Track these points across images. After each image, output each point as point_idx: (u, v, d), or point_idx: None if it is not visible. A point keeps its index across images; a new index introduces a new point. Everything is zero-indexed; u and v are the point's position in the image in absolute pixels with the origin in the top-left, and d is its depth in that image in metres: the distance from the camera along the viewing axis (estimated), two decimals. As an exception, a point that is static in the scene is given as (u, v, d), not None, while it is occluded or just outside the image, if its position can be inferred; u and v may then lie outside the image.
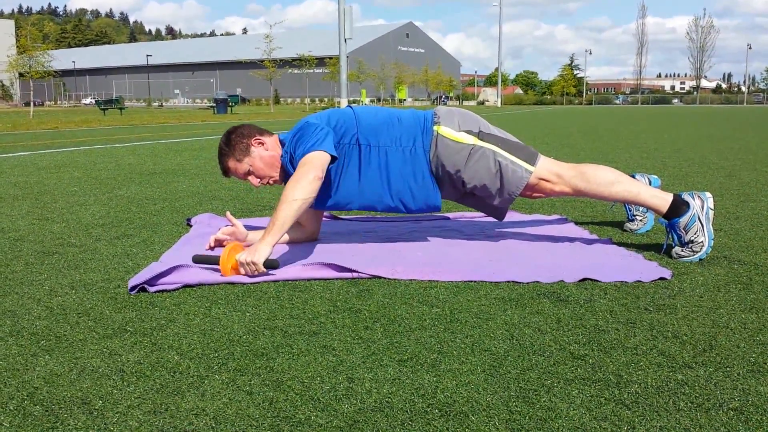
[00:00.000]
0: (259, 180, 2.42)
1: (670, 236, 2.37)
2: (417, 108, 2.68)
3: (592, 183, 2.35)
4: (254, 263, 2.02)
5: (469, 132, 2.39)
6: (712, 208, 2.31)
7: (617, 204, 2.87)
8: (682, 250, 2.31)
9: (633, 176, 2.65)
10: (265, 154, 2.39)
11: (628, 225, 2.80)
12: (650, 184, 2.70)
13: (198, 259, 2.17)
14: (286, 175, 2.39)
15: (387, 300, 1.87)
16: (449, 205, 3.53)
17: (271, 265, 2.06)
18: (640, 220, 2.77)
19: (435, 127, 2.39)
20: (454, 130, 2.38)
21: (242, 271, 2.06)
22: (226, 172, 2.45)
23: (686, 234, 2.29)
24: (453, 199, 2.53)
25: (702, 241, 2.28)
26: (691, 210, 2.28)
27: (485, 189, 2.39)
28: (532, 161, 2.38)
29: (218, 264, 2.10)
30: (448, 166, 2.36)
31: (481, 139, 2.38)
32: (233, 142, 2.39)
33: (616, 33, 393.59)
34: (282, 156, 2.40)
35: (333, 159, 2.24)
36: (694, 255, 2.29)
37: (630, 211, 2.80)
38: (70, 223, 3.06)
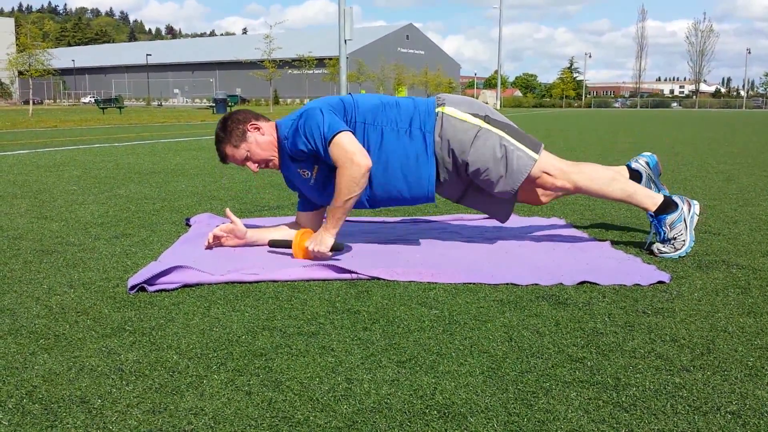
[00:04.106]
0: (257, 165, 2.41)
1: (654, 232, 2.44)
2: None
3: (593, 181, 2.41)
4: (320, 252, 2.25)
5: (475, 115, 2.39)
6: (698, 214, 2.40)
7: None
8: (664, 246, 2.38)
9: (629, 165, 2.69)
10: (261, 139, 2.38)
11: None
12: (648, 164, 2.69)
13: (273, 243, 2.43)
14: (283, 161, 2.40)
15: (386, 301, 1.87)
16: (448, 207, 3.54)
17: (336, 248, 2.28)
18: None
19: (439, 109, 2.39)
20: (460, 111, 2.39)
21: (311, 255, 2.29)
22: (224, 158, 2.44)
23: (670, 231, 2.37)
24: (453, 197, 2.53)
25: (684, 240, 2.36)
26: (679, 210, 2.37)
27: (488, 173, 2.36)
28: (536, 150, 2.40)
29: (290, 247, 2.36)
30: (453, 144, 2.35)
31: (488, 123, 2.39)
32: (229, 128, 2.38)
33: (616, 36, 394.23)
34: (281, 140, 2.37)
35: None
36: (674, 252, 2.36)
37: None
38: (69, 221, 3.06)
